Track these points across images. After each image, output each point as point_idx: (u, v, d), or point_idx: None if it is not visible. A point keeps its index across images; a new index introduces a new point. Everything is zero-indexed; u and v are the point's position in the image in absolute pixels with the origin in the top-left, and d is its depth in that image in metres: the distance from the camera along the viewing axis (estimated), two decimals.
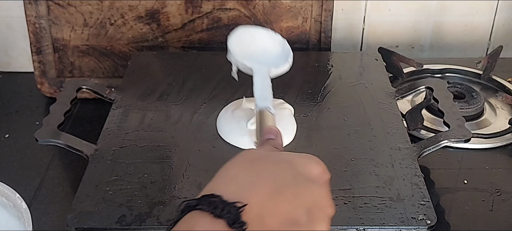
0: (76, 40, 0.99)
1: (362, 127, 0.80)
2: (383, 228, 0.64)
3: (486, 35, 1.12)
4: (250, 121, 0.77)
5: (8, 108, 0.99)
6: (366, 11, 1.08)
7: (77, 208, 0.66)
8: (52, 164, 0.85)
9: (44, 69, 1.00)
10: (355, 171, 0.72)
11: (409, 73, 1.02)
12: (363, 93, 0.87)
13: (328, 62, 0.96)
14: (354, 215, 0.65)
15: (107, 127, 0.79)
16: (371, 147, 0.76)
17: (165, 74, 0.92)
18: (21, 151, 0.88)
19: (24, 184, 0.81)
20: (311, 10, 0.99)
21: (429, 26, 1.10)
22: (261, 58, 0.74)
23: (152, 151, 0.75)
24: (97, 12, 0.97)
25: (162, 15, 0.98)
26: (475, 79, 1.04)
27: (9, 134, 0.92)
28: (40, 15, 0.97)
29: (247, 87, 0.88)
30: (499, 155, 0.86)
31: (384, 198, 0.67)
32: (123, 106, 0.84)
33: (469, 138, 0.76)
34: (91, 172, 0.71)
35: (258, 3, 0.99)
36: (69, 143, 0.75)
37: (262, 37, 0.77)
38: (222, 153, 0.75)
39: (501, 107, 0.96)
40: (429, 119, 0.92)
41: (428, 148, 0.75)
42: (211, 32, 1.00)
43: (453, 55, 1.13)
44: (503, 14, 1.10)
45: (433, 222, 0.64)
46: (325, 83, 0.90)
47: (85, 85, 0.87)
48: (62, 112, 0.80)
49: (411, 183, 0.69)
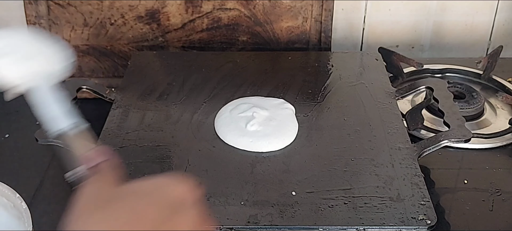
0: (76, 40, 0.99)
1: (362, 127, 0.80)
2: (383, 228, 0.64)
3: (486, 35, 1.12)
4: (250, 122, 0.77)
5: (8, 108, 0.99)
6: (366, 11, 1.08)
7: None
8: (52, 164, 0.85)
9: None
10: (355, 171, 0.72)
11: (409, 73, 1.02)
12: (363, 93, 0.87)
13: (328, 62, 0.96)
14: (354, 215, 0.65)
15: (107, 127, 0.79)
16: (371, 147, 0.76)
17: (165, 74, 0.92)
18: (21, 151, 0.88)
19: (24, 184, 0.80)
20: (311, 10, 0.99)
21: (429, 26, 1.10)
22: (35, 68, 0.54)
23: (152, 151, 0.75)
24: (97, 12, 0.97)
25: (162, 15, 0.98)
26: (475, 79, 1.04)
27: (9, 134, 0.92)
28: (40, 15, 0.97)
29: (247, 87, 0.88)
30: (499, 155, 0.86)
31: (384, 198, 0.67)
32: (123, 106, 0.84)
33: (469, 138, 0.76)
34: None
35: (258, 3, 0.99)
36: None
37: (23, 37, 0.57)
38: (222, 153, 0.75)
39: (501, 107, 0.96)
40: (429, 119, 0.92)
41: (428, 148, 0.75)
42: (211, 32, 1.00)
43: (453, 55, 1.13)
44: (503, 14, 1.10)
45: (433, 222, 0.64)
46: (325, 83, 0.90)
47: (85, 85, 0.87)
48: None
49: (411, 183, 0.69)
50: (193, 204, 0.40)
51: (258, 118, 0.78)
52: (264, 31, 1.00)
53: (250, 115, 0.79)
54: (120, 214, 0.38)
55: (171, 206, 0.39)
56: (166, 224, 0.38)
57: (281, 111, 0.81)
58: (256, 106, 0.81)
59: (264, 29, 1.00)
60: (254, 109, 0.80)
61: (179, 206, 0.39)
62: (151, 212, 0.38)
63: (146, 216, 0.38)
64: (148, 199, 0.39)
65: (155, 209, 0.38)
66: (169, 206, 0.39)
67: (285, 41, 1.01)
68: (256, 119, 0.78)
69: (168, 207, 0.39)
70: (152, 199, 0.39)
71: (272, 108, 0.82)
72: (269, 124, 0.78)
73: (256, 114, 0.79)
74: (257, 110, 0.80)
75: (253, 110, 0.79)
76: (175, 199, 0.40)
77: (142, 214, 0.38)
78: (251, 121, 0.77)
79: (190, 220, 0.39)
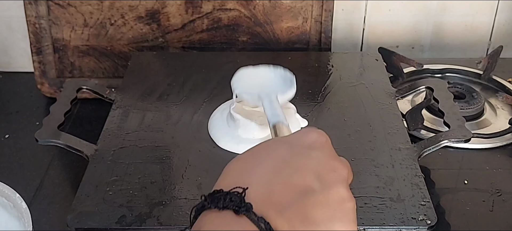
0: (76, 40, 0.99)
1: (363, 127, 0.80)
2: (383, 228, 0.64)
3: (487, 35, 1.12)
4: (241, 129, 0.75)
5: (8, 108, 0.99)
6: (366, 11, 1.08)
7: (77, 209, 0.66)
8: (52, 164, 0.85)
9: (44, 69, 1.00)
10: (355, 171, 0.71)
11: (409, 73, 1.02)
12: (364, 93, 0.87)
13: (328, 62, 0.96)
14: None
15: (107, 127, 0.79)
16: (371, 147, 0.76)
17: (165, 74, 0.92)
18: (21, 151, 0.88)
19: (24, 184, 0.81)
20: (311, 10, 0.99)
21: (429, 26, 1.10)
22: (266, 89, 0.74)
23: (152, 151, 0.75)
24: (97, 12, 0.97)
25: (162, 15, 0.98)
26: (476, 79, 1.04)
27: (9, 134, 0.92)
28: (40, 15, 0.97)
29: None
30: (499, 155, 0.86)
31: (384, 199, 0.67)
32: (123, 106, 0.84)
33: (469, 138, 0.76)
34: (91, 172, 0.71)
35: (258, 3, 0.99)
36: (69, 143, 0.75)
37: (263, 72, 0.77)
38: (222, 153, 0.75)
39: (501, 107, 0.96)
40: (429, 119, 0.92)
41: (428, 148, 0.75)
42: (211, 32, 1.00)
43: (453, 55, 1.13)
44: (503, 14, 1.10)
45: (433, 222, 0.64)
46: (325, 83, 0.90)
47: (85, 85, 0.87)
48: (62, 112, 0.80)
49: (412, 183, 0.69)
50: (323, 147, 0.49)
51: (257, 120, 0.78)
52: (264, 31, 1.01)
53: (243, 114, 0.77)
54: (260, 155, 0.47)
55: (304, 146, 0.48)
56: (295, 159, 0.47)
57: (285, 111, 0.81)
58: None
59: (264, 29, 1.00)
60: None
61: (311, 146, 0.48)
62: (284, 151, 0.47)
63: (279, 154, 0.47)
64: (284, 144, 0.49)
65: (288, 148, 0.48)
66: (300, 147, 0.48)
67: (285, 42, 1.01)
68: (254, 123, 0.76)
69: (299, 147, 0.48)
70: (287, 144, 0.49)
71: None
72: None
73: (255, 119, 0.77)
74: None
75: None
76: (305, 141, 0.49)
77: (277, 152, 0.47)
78: (242, 126, 0.76)
79: (321, 159, 0.47)
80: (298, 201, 0.44)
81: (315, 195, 0.45)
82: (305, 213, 0.44)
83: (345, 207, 0.46)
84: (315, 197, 0.45)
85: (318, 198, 0.45)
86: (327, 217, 0.45)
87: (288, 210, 0.44)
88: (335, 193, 0.46)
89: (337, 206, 0.45)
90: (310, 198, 0.45)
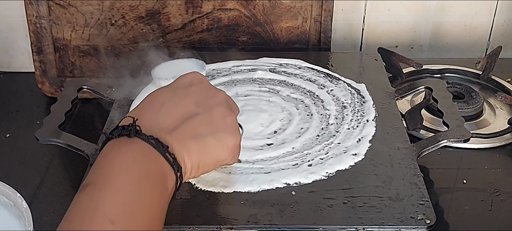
0: (76, 40, 0.99)
1: None
2: (383, 228, 0.64)
3: (485, 35, 1.12)
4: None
5: (8, 108, 1.00)
6: (365, 11, 1.08)
7: None
8: (53, 164, 0.85)
9: (44, 68, 1.00)
10: (355, 170, 0.72)
11: (409, 73, 1.03)
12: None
13: (328, 62, 0.96)
14: (354, 215, 0.65)
15: (107, 127, 0.80)
16: (370, 147, 0.76)
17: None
18: (22, 150, 0.88)
19: (24, 183, 0.81)
20: (311, 10, 1.00)
21: (428, 26, 1.11)
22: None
23: None
24: (98, 12, 0.98)
25: (162, 15, 0.98)
26: (474, 79, 1.04)
27: (9, 133, 0.92)
28: (41, 15, 0.97)
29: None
30: (498, 155, 0.86)
31: (383, 198, 0.67)
32: (123, 106, 0.84)
33: (468, 138, 0.76)
34: None
35: (258, 3, 0.99)
36: (69, 142, 0.76)
37: (179, 63, 0.81)
38: None
39: (500, 107, 0.97)
40: (429, 119, 0.92)
41: (428, 148, 0.75)
42: (211, 32, 1.00)
43: (452, 55, 1.13)
44: (502, 15, 1.10)
45: (432, 222, 0.64)
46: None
47: (86, 85, 0.87)
48: (63, 112, 0.80)
49: (410, 183, 0.70)
50: (199, 83, 0.61)
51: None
52: (264, 31, 1.01)
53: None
54: (150, 100, 0.59)
55: (183, 86, 0.60)
56: (176, 97, 0.58)
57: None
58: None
59: (264, 29, 1.01)
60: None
61: (189, 84, 0.60)
62: (167, 93, 0.59)
63: (164, 96, 0.59)
64: (168, 88, 0.61)
65: (170, 90, 0.60)
66: (181, 88, 0.60)
67: (285, 41, 1.02)
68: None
69: (180, 88, 0.60)
70: (169, 88, 0.61)
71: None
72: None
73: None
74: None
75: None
76: (184, 82, 0.61)
77: (162, 95, 0.59)
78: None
79: (198, 91, 0.59)
80: (184, 123, 0.56)
81: (199, 117, 0.57)
82: (192, 131, 0.56)
83: (226, 120, 0.58)
84: (200, 118, 0.57)
85: (202, 118, 0.57)
86: (212, 130, 0.57)
87: (176, 130, 0.55)
88: (216, 112, 0.58)
89: (220, 120, 0.58)
90: (195, 119, 0.56)
